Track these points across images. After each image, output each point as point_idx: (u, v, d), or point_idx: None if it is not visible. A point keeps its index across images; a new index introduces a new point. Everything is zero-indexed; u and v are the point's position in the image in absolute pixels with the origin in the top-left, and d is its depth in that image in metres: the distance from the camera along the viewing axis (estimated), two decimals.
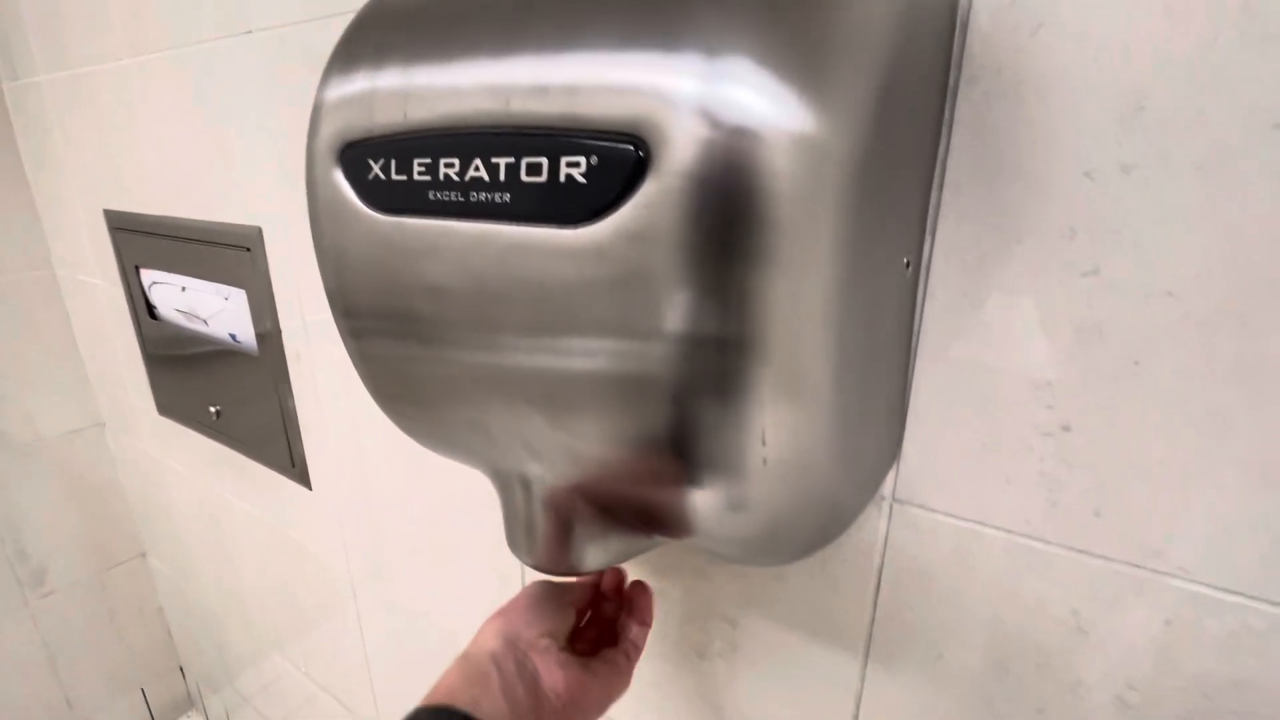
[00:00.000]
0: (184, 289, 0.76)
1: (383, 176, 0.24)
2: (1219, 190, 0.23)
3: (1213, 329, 0.24)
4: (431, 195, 0.23)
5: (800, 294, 0.20)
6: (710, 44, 0.19)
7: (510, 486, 0.29)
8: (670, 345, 0.20)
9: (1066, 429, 0.28)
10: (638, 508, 0.26)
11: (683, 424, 0.22)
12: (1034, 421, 0.28)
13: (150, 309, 0.84)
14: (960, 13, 0.25)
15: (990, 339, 0.28)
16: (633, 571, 0.45)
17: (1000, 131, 0.26)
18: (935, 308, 0.29)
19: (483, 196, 0.22)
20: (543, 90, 0.20)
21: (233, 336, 0.73)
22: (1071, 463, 0.28)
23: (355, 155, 0.25)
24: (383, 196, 0.24)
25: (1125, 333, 0.25)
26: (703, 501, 0.24)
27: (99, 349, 1.02)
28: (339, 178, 0.26)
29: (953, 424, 0.30)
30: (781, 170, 0.19)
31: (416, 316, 0.25)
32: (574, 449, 0.24)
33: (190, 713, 1.33)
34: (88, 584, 1.15)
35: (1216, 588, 0.26)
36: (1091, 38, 0.23)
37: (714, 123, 0.18)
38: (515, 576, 0.54)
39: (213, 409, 0.80)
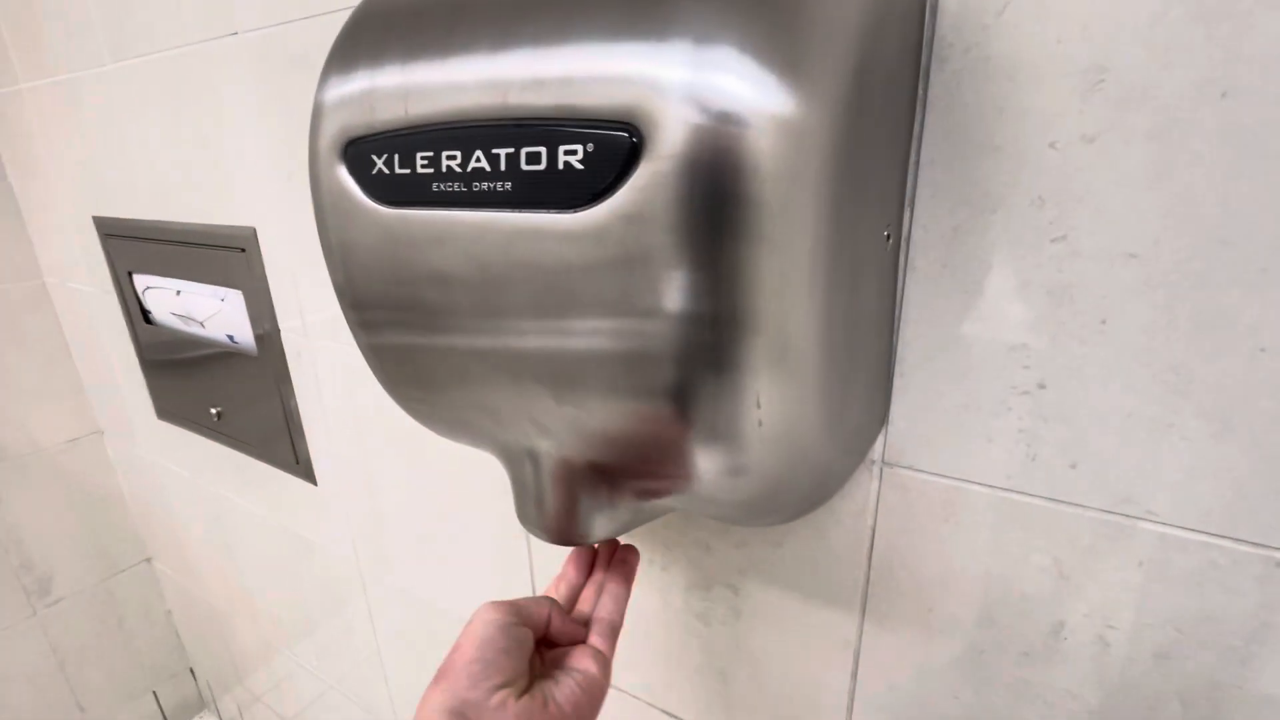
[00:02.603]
0: (179, 292, 0.77)
1: (386, 171, 0.25)
2: (1174, 157, 0.24)
3: (1172, 287, 0.26)
4: (435, 187, 0.24)
5: (786, 268, 0.22)
6: (696, 33, 0.20)
7: (519, 462, 0.30)
8: (668, 320, 0.22)
9: (1042, 387, 0.29)
10: (642, 476, 0.27)
11: (682, 395, 0.24)
12: (1011, 382, 0.30)
13: (145, 314, 0.84)
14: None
15: (969, 305, 0.30)
16: (641, 549, 0.47)
17: (970, 108, 0.27)
18: (916, 278, 0.31)
19: (485, 186, 0.23)
20: (539, 83, 0.22)
21: (230, 338, 0.74)
22: (1048, 419, 0.30)
23: (358, 151, 0.26)
24: (387, 190, 0.26)
25: (1093, 294, 0.27)
26: (703, 467, 0.26)
27: (93, 356, 1.02)
28: (343, 174, 0.27)
29: (936, 388, 0.32)
30: (765, 151, 0.20)
31: (425, 305, 0.27)
32: (581, 423, 0.26)
33: (203, 713, 1.35)
34: (94, 591, 1.16)
35: (1184, 528, 0.28)
36: (1052, 15, 0.25)
37: (702, 108, 0.20)
38: (522, 559, 0.56)
39: (214, 410, 0.81)
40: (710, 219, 0.20)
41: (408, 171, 0.24)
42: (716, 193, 0.20)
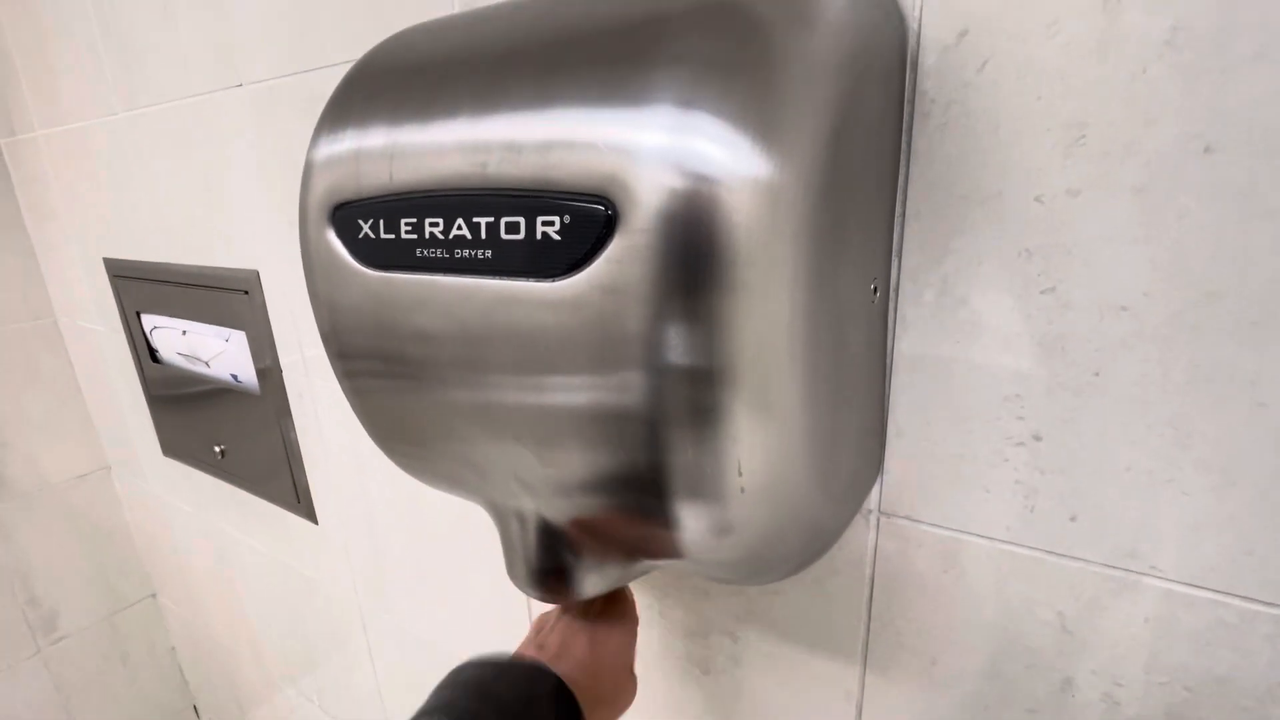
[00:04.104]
0: (185, 332, 0.78)
1: (372, 235, 0.25)
2: (1159, 211, 0.24)
3: (1166, 340, 0.25)
4: (418, 252, 0.24)
5: (765, 325, 0.22)
6: (673, 100, 0.20)
7: (507, 520, 0.30)
8: (645, 383, 0.22)
9: (1038, 438, 0.29)
10: (628, 537, 0.27)
11: (662, 453, 0.23)
12: (1007, 432, 0.29)
13: (152, 353, 0.85)
14: (909, 53, 0.27)
15: (960, 356, 0.30)
16: (641, 595, 0.46)
17: (955, 162, 0.27)
18: (906, 329, 0.30)
19: (466, 253, 0.23)
20: (518, 149, 0.22)
21: (234, 377, 0.74)
22: (1044, 470, 0.29)
23: (345, 215, 0.26)
24: (373, 254, 0.26)
25: (1085, 346, 0.27)
26: (688, 528, 0.25)
27: (102, 393, 1.03)
28: (331, 236, 0.27)
29: (931, 438, 0.31)
30: (741, 212, 0.20)
31: (408, 361, 0.27)
32: (564, 483, 0.25)
33: None
34: (99, 627, 1.15)
35: (1189, 584, 0.27)
36: (1032, 72, 0.25)
37: (679, 171, 0.20)
38: (520, 601, 0.55)
39: (217, 448, 0.81)
40: (685, 287, 0.20)
41: (393, 237, 0.25)
42: (691, 260, 0.20)
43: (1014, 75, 0.25)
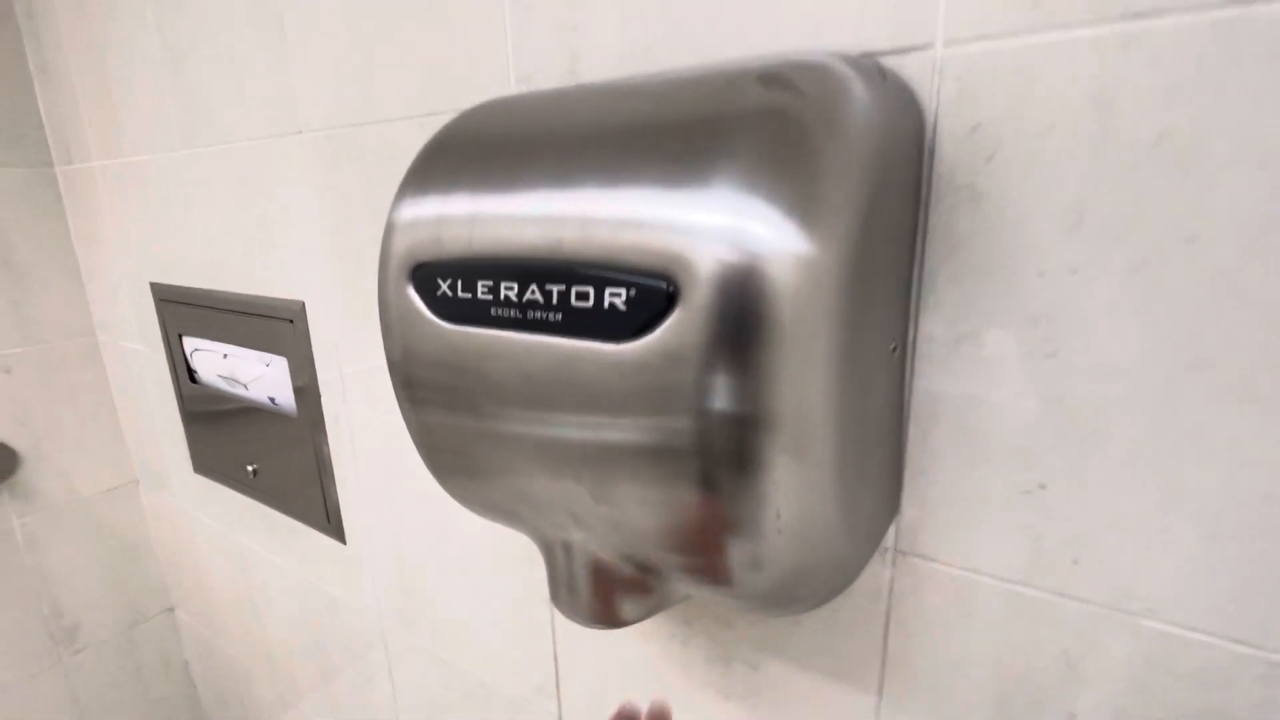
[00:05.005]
0: (226, 355, 0.82)
1: (450, 294, 0.29)
2: (1149, 290, 0.27)
3: (1159, 402, 0.28)
4: (492, 311, 0.28)
5: (802, 383, 0.25)
6: (728, 188, 0.24)
7: (554, 550, 0.33)
8: (697, 434, 0.25)
9: (1043, 487, 0.32)
10: (670, 568, 0.30)
11: (708, 497, 0.26)
12: (1014, 481, 0.32)
13: (191, 374, 0.89)
14: (927, 143, 0.30)
15: (972, 409, 0.32)
16: (661, 621, 0.48)
17: (966, 238, 0.30)
18: (923, 384, 0.33)
19: (537, 315, 0.26)
20: (591, 225, 0.25)
21: (272, 400, 0.78)
22: (1049, 517, 0.32)
23: (425, 274, 0.30)
24: (450, 310, 0.29)
25: (1084, 405, 0.30)
26: (728, 559, 0.28)
27: (136, 410, 1.07)
28: (410, 292, 0.31)
29: (944, 483, 0.34)
30: (784, 285, 0.23)
31: (476, 403, 0.30)
32: (615, 520, 0.28)
33: None
34: (117, 640, 1.17)
35: (1184, 627, 0.30)
36: (1035, 164, 0.28)
37: (733, 250, 0.23)
38: (545, 626, 0.58)
39: (250, 467, 0.85)
40: (738, 348, 0.23)
41: (469, 296, 0.28)
42: (744, 324, 0.23)
43: (1019, 165, 0.29)
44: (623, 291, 0.24)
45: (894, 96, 0.29)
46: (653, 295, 0.23)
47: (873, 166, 0.26)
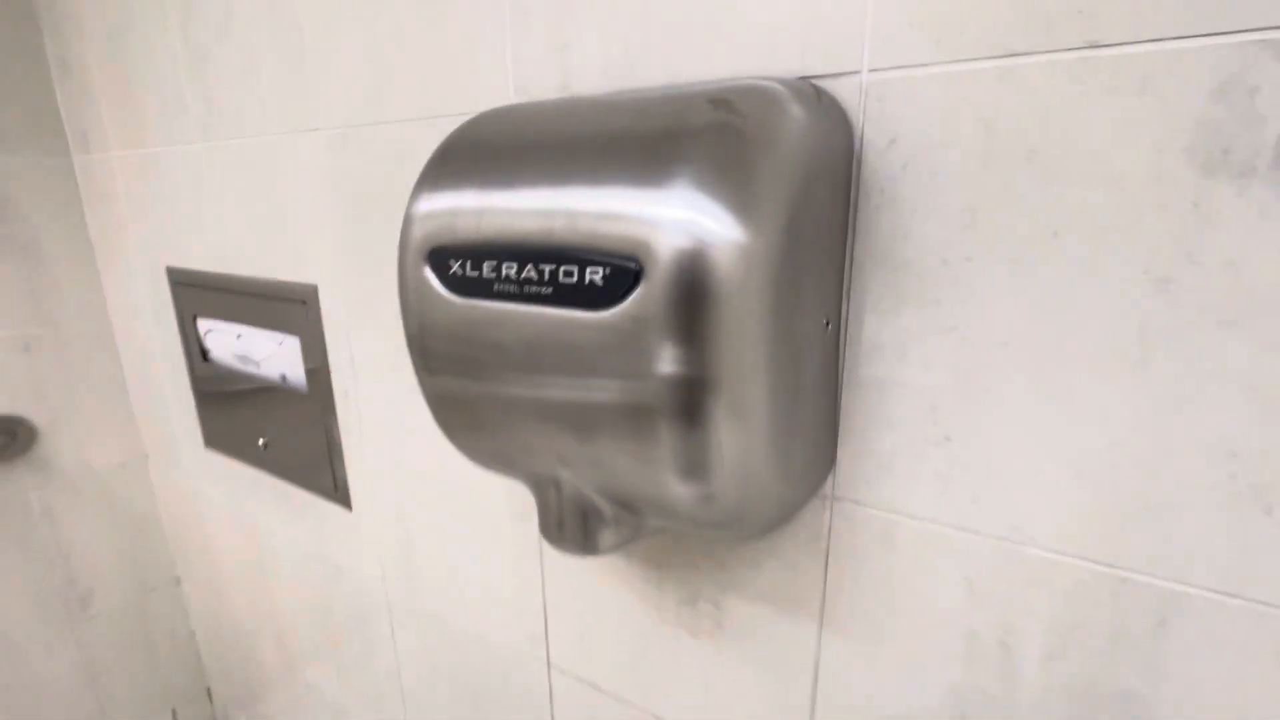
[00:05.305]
0: (239, 335, 0.87)
1: (460, 273, 0.35)
2: (1026, 275, 0.34)
3: (1034, 367, 0.35)
4: (495, 287, 0.34)
5: (741, 348, 0.31)
6: (684, 185, 0.30)
7: (545, 488, 0.39)
8: (658, 384, 0.31)
9: (949, 440, 0.38)
10: (638, 500, 0.36)
11: (667, 439, 0.33)
12: (926, 434, 0.39)
13: (204, 353, 0.95)
14: (855, 152, 0.37)
15: (893, 374, 0.39)
16: (636, 568, 0.55)
17: (886, 232, 0.37)
18: (854, 353, 0.40)
19: (532, 289, 0.33)
20: (575, 216, 0.31)
21: (283, 377, 0.84)
22: (954, 464, 0.38)
23: (440, 256, 0.36)
24: (460, 286, 0.35)
25: (980, 371, 0.36)
26: (681, 494, 0.35)
27: (147, 389, 1.12)
28: (426, 271, 0.37)
29: (872, 438, 0.41)
30: (725, 266, 0.30)
31: (481, 364, 0.36)
32: (595, 458, 0.35)
33: None
34: (126, 608, 1.23)
35: (1056, 552, 0.36)
36: (938, 174, 0.35)
37: (686, 235, 0.29)
38: (535, 580, 0.64)
39: (260, 441, 0.90)
40: (688, 318, 0.30)
41: (477, 274, 0.34)
42: (693, 296, 0.30)
43: (926, 173, 0.35)
44: (600, 270, 0.30)
45: (828, 113, 0.35)
46: (623, 273, 0.30)
47: (800, 172, 0.33)
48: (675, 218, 0.29)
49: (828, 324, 0.38)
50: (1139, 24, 0.29)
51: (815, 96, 0.35)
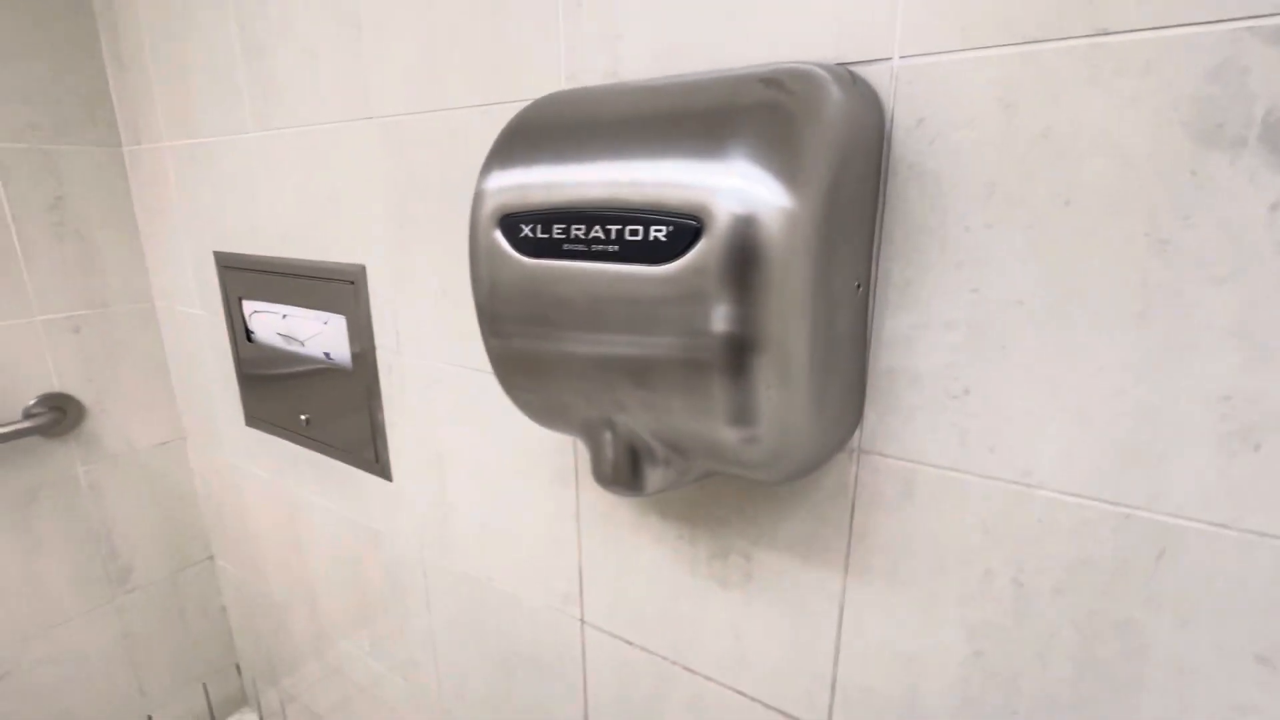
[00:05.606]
0: (285, 316, 0.92)
1: (531, 235, 0.39)
2: (1040, 240, 0.38)
3: (1046, 323, 0.39)
4: (564, 247, 0.38)
5: (785, 304, 0.35)
6: (739, 156, 0.34)
7: (599, 432, 0.43)
8: (712, 338, 0.35)
9: (967, 392, 0.42)
10: (688, 440, 0.40)
11: (718, 386, 0.37)
12: (947, 389, 0.43)
13: (248, 334, 1.00)
14: (886, 131, 0.41)
15: (917, 333, 0.43)
16: (670, 525, 0.59)
17: (913, 202, 0.41)
18: (881, 314, 0.44)
19: (599, 248, 0.37)
20: (640, 184, 0.36)
21: (327, 355, 0.88)
22: (971, 415, 0.42)
23: (511, 222, 0.40)
24: (530, 247, 0.40)
25: (996, 328, 0.40)
26: (728, 436, 0.39)
27: (188, 370, 1.17)
28: (498, 235, 0.41)
29: (896, 392, 0.45)
30: (773, 227, 0.34)
31: (549, 321, 0.40)
32: (650, 401, 0.39)
33: (244, 710, 1.44)
34: (163, 583, 1.28)
35: (1064, 493, 0.40)
36: (961, 150, 0.39)
37: (740, 203, 0.34)
38: (571, 541, 0.68)
39: (303, 417, 0.95)
40: (740, 273, 0.34)
41: (546, 236, 0.39)
42: (748, 250, 0.34)
43: (951, 149, 0.39)
44: (664, 228, 0.34)
45: (862, 95, 0.39)
46: (685, 230, 0.34)
47: (840, 147, 0.37)
48: (732, 185, 0.33)
49: (858, 286, 0.42)
50: (1142, 13, 0.33)
51: (851, 80, 0.39)
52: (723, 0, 0.45)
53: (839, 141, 0.36)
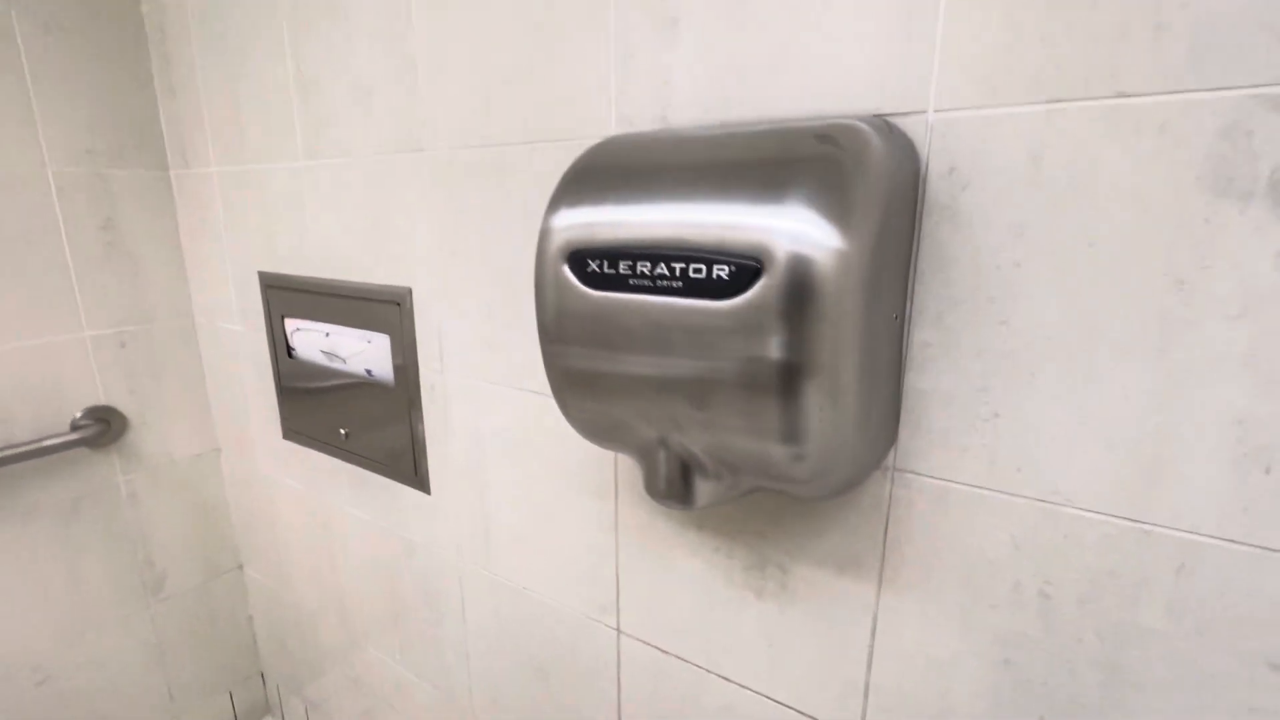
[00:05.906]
0: (328, 334, 0.96)
1: (598, 270, 0.43)
2: (1065, 276, 0.41)
3: (1071, 353, 0.42)
4: (630, 281, 0.42)
5: (838, 336, 0.39)
6: (796, 202, 0.38)
7: (653, 451, 0.47)
8: (770, 366, 0.39)
9: (996, 416, 0.46)
10: (740, 457, 0.44)
11: (773, 409, 0.40)
12: (977, 412, 0.46)
13: (289, 350, 1.04)
14: (921, 177, 0.45)
15: (949, 361, 0.46)
16: (708, 538, 0.62)
17: (945, 243, 0.45)
18: (915, 343, 0.47)
19: (664, 283, 0.40)
20: (704, 225, 0.39)
21: (368, 371, 0.92)
22: (1000, 437, 0.46)
23: (579, 257, 0.44)
24: (597, 281, 0.43)
25: (1024, 356, 0.44)
26: (778, 454, 0.42)
27: (225, 385, 1.21)
28: (565, 269, 0.45)
29: (929, 415, 0.48)
30: (827, 267, 0.38)
31: (613, 348, 0.44)
32: (708, 422, 0.42)
33: (268, 718, 1.47)
34: (195, 592, 1.31)
35: (1089, 510, 0.43)
36: (993, 194, 0.43)
37: (797, 244, 0.37)
38: (610, 552, 0.71)
39: (342, 431, 0.99)
40: (799, 304, 0.38)
41: (613, 272, 0.42)
42: (805, 288, 0.37)
43: (981, 195, 0.43)
44: (726, 267, 0.38)
45: (900, 145, 0.43)
46: (746, 270, 0.38)
47: (885, 193, 0.40)
48: (791, 228, 0.37)
49: (896, 317, 0.45)
50: (1158, 79, 0.37)
51: (889, 130, 0.43)
52: (769, 54, 0.49)
53: (883, 188, 0.40)
